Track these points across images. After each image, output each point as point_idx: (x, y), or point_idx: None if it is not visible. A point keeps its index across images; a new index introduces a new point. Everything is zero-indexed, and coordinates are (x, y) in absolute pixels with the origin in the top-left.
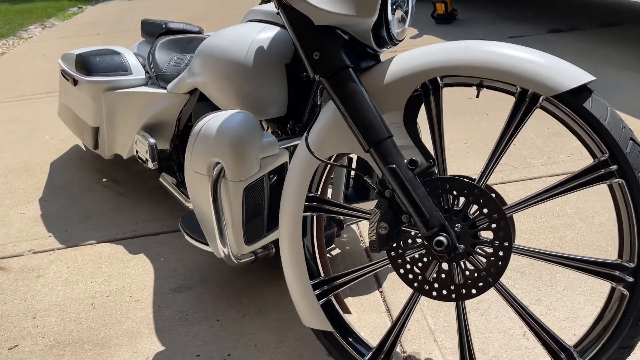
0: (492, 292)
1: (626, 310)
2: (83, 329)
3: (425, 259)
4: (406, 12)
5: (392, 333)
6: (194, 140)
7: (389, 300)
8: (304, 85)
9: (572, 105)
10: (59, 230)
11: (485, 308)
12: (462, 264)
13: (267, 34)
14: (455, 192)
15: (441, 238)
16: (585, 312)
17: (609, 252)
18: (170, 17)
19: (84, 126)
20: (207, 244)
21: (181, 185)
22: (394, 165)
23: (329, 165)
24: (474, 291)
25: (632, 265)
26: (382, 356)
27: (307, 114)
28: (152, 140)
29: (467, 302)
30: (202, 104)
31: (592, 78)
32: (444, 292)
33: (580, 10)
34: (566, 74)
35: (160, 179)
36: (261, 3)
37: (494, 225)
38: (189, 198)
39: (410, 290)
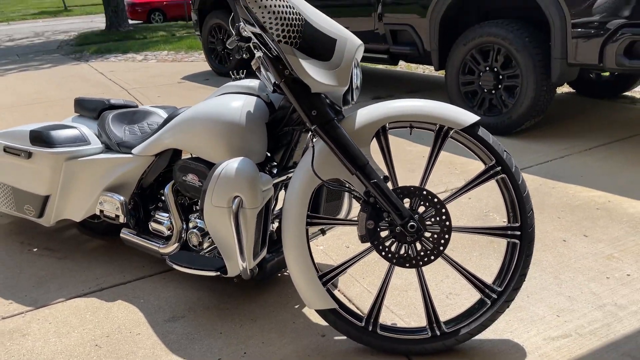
0: (407, 278)
1: (520, 252)
2: None
3: (398, 242)
4: (357, 86)
5: (377, 301)
6: (215, 181)
7: (347, 294)
8: (278, 138)
9: (470, 133)
10: (18, 297)
11: (414, 287)
12: (423, 241)
13: (250, 101)
14: (410, 194)
15: (412, 223)
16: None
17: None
18: (3, 97)
19: (28, 197)
20: (206, 270)
21: (143, 234)
22: (376, 180)
23: (315, 189)
24: (432, 257)
25: (517, 224)
26: (372, 320)
27: (287, 158)
28: (122, 198)
29: (400, 284)
30: (185, 160)
31: (478, 117)
32: (413, 261)
33: (394, 82)
34: (465, 114)
35: (121, 235)
36: (235, 79)
37: (440, 212)
38: (159, 244)
39: (379, 272)
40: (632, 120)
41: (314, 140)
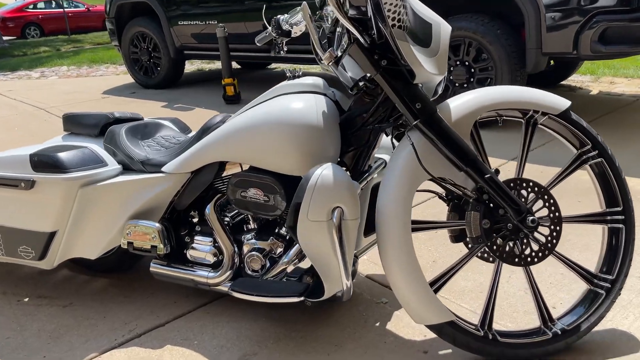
0: (474, 280)
1: (626, 237)
2: None
3: (511, 239)
4: (445, 76)
5: (489, 305)
6: (311, 193)
7: None
8: (350, 139)
9: (565, 118)
10: (35, 358)
11: (482, 288)
12: (535, 235)
13: (320, 100)
14: (517, 186)
15: (532, 217)
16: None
17: None
18: None
19: (26, 237)
20: (287, 296)
21: (177, 262)
22: (490, 175)
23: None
24: (546, 253)
25: (619, 208)
26: (486, 327)
27: (362, 161)
28: (157, 225)
29: (470, 286)
30: (243, 173)
31: (570, 102)
32: (528, 259)
33: None
34: (558, 99)
35: (152, 269)
36: (290, 78)
37: (549, 202)
38: (206, 273)
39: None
40: (582, 106)
41: (409, 135)
